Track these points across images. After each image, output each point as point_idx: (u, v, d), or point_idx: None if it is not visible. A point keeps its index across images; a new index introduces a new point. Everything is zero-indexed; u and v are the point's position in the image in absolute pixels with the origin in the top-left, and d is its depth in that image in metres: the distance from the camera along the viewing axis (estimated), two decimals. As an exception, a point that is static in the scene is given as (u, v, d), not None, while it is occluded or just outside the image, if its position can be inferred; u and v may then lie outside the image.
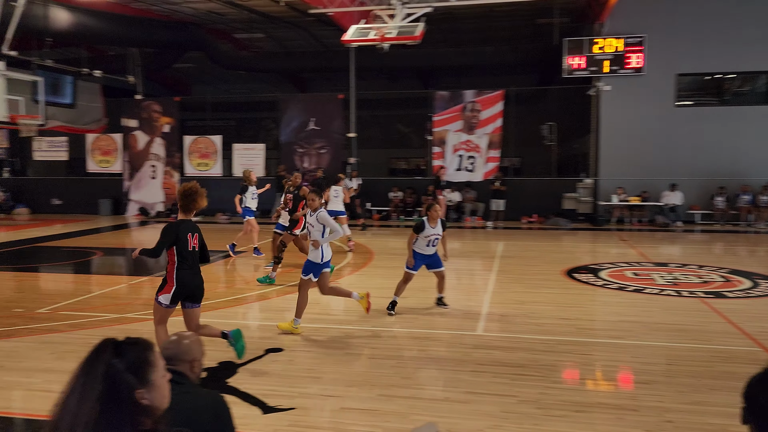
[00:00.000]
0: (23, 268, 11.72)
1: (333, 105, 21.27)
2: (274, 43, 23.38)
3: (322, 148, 21.33)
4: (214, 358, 6.07)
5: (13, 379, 5.65)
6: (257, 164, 21.52)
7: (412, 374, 5.78)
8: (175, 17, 20.06)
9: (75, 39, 18.47)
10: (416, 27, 12.07)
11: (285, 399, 5.13)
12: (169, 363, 2.50)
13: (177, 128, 22.44)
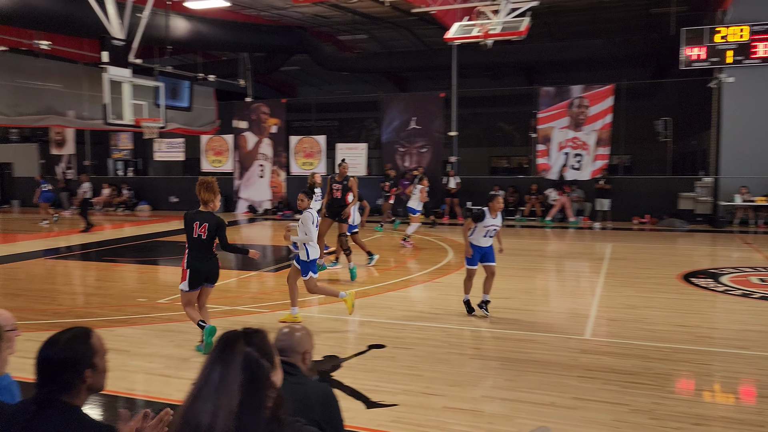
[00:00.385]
0: (145, 260, 12.56)
1: (434, 103, 21.23)
2: (376, 43, 23.66)
3: (422, 147, 21.35)
4: (319, 351, 6.21)
5: (136, 363, 6.05)
6: (359, 163, 21.88)
7: (516, 377, 5.63)
8: (283, 22, 20.77)
9: (192, 46, 19.58)
10: (521, 22, 11.77)
11: (388, 395, 5.15)
12: (282, 354, 2.57)
13: (284, 129, 23.27)
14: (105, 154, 27.32)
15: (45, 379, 2.16)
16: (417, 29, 21.44)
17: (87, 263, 12.83)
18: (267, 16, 19.95)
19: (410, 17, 18.55)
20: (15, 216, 23.17)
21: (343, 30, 22.00)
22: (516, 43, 15.47)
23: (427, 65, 22.97)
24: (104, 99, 12.56)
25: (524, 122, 22.87)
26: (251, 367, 1.72)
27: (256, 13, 19.54)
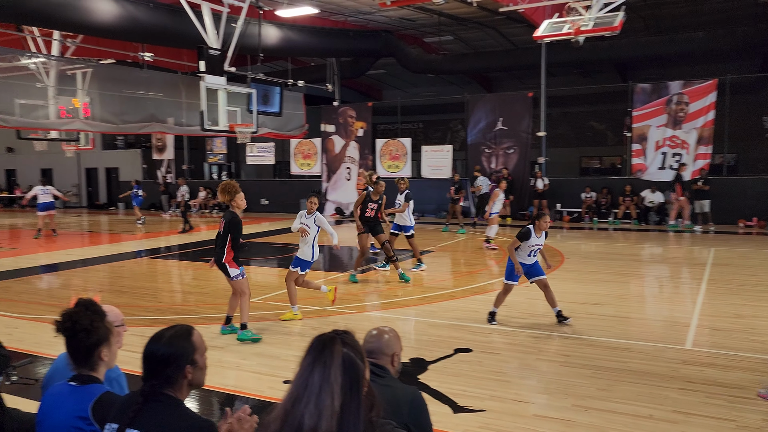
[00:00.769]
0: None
1: (522, 103, 20.80)
2: (462, 44, 23.48)
3: (509, 148, 20.96)
4: (406, 354, 6.21)
5: (230, 359, 6.28)
6: (445, 165, 21.80)
7: (609, 386, 5.39)
8: (369, 26, 21.02)
9: (282, 53, 20.19)
10: (615, 17, 11.30)
11: (475, 400, 5.08)
12: (371, 356, 2.57)
13: (370, 132, 23.54)
14: (201, 159, 28.69)
15: (150, 373, 2.28)
16: (504, 28, 21.09)
17: (185, 263, 13.48)
18: (354, 21, 20.25)
19: (497, 16, 18.27)
20: (120, 218, 24.72)
21: (429, 32, 21.99)
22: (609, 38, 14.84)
23: (514, 65, 22.56)
24: (201, 106, 13.16)
25: (617, 121, 21.96)
26: (350, 368, 1.74)
27: (343, 18, 19.88)
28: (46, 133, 18.31)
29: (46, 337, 6.98)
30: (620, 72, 24.42)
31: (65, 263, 12.96)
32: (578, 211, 19.87)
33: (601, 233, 17.24)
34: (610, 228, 18.01)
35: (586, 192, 19.81)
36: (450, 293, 9.31)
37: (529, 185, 20.46)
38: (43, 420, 2.64)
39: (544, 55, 19.25)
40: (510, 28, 20.87)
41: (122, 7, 13.89)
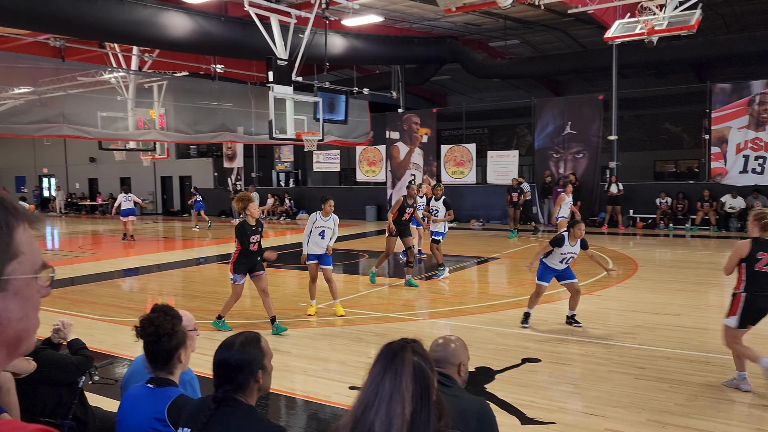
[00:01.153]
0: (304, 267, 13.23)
1: (591, 107, 20.24)
2: (529, 47, 23.10)
3: (578, 152, 20.44)
4: (472, 363, 6.12)
5: (297, 364, 6.37)
6: (511, 171, 21.47)
7: (688, 401, 5.14)
8: (434, 33, 21.01)
9: (348, 61, 20.45)
10: (691, 15, 10.85)
11: (544, 412, 4.95)
12: (438, 366, 2.54)
13: (434, 138, 23.48)
14: (269, 166, 29.39)
15: (222, 379, 2.33)
16: (572, 30, 20.62)
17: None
18: (419, 28, 20.29)
19: (565, 18, 17.88)
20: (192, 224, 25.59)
21: (495, 36, 21.76)
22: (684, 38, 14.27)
23: (583, 67, 22.00)
24: (270, 115, 13.49)
25: (695, 123, 21.04)
26: (421, 376, 1.72)
27: (408, 26, 19.95)
28: (125, 143, 19.23)
29: (124, 338, 7.29)
30: (697, 72, 23.40)
31: (142, 268, 13.53)
32: (652, 218, 19.13)
33: (677, 240, 16.54)
34: (687, 235, 17.26)
35: (660, 197, 19.05)
36: (517, 301, 9.13)
37: (599, 190, 19.87)
38: (123, 420, 2.76)
39: (615, 57, 18.68)
40: (579, 30, 20.39)
41: (195, 22, 14.44)
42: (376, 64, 23.78)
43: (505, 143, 27.05)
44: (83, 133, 15.49)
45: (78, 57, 18.10)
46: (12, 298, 0.87)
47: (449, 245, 16.80)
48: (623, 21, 11.79)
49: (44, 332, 4.08)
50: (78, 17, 12.23)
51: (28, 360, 3.43)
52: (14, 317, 0.88)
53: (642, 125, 24.38)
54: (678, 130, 24.25)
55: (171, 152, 28.02)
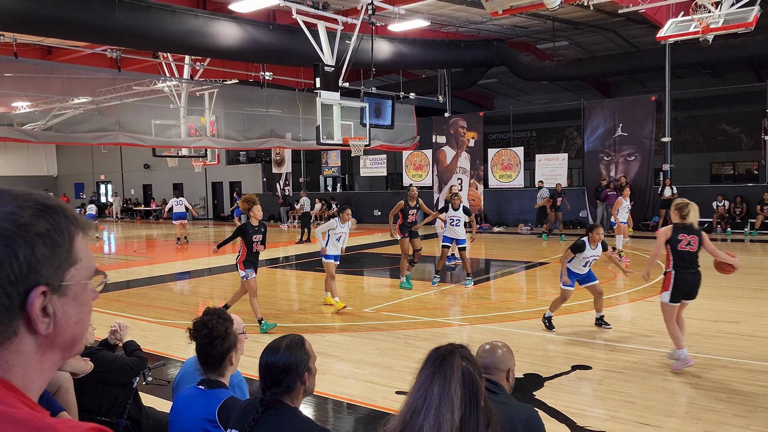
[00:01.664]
0: (351, 271, 13.34)
1: (644, 108, 19.72)
2: (578, 49, 22.70)
3: (630, 155, 19.93)
4: (520, 369, 6.04)
5: (345, 368, 6.40)
6: (560, 174, 21.11)
7: (748, 413, 4.94)
8: (481, 36, 20.87)
9: (394, 66, 20.51)
10: (749, 12, 10.46)
11: (595, 421, 4.84)
12: (485, 372, 2.51)
13: (481, 142, 23.30)
14: (317, 171, 29.72)
15: (269, 382, 2.36)
16: (623, 30, 20.17)
17: (302, 272, 13.97)
18: (465, 31, 20.20)
19: (616, 18, 17.50)
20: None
21: (543, 38, 21.47)
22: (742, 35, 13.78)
23: (635, 68, 21.46)
24: (317, 121, 13.64)
25: (753, 123, 20.25)
26: (470, 382, 1.72)
27: (454, 29, 19.89)
28: (178, 150, 19.77)
29: (177, 340, 7.48)
30: (756, 71, 22.56)
31: (194, 271, 13.87)
32: (709, 221, 18.48)
33: (735, 245, 15.93)
34: (745, 239, 16.61)
35: (717, 200, 18.39)
36: (567, 307, 8.95)
37: (651, 194, 19.33)
38: (175, 420, 2.83)
39: (668, 57, 18.16)
40: (630, 30, 19.93)
41: (245, 31, 14.74)
42: (423, 68, 23.77)
43: (553, 146, 26.64)
44: (138, 141, 16.01)
45: (133, 67, 18.75)
46: (71, 303, 0.92)
47: (497, 249, 16.64)
48: (677, 20, 11.46)
49: (102, 334, 4.23)
50: (134, 29, 12.66)
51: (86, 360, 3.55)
52: (72, 321, 0.93)
53: (697, 126, 23.61)
54: (735, 131, 23.38)
55: (221, 158, 28.65)
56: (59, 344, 0.92)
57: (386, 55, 17.81)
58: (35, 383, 0.91)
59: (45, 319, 0.89)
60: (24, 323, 0.88)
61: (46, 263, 0.88)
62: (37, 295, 0.87)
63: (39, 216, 0.89)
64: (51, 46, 16.93)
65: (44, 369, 0.92)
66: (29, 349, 0.89)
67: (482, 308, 9.26)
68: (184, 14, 13.54)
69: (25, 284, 0.86)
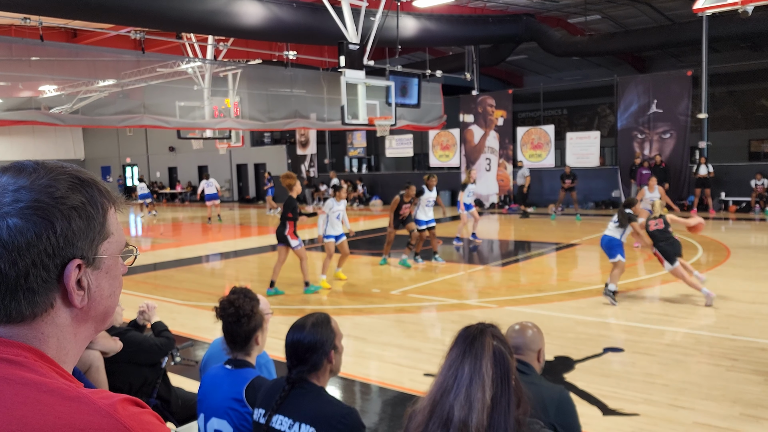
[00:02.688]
0: (378, 253, 13.26)
1: (679, 83, 19.13)
2: (611, 23, 22.06)
3: (665, 132, 19.40)
4: (551, 351, 5.91)
5: (372, 350, 6.35)
6: (592, 153, 20.67)
7: (789, 396, 4.75)
8: (509, 11, 20.41)
9: (420, 44, 20.20)
10: (792, -21, 9.98)
11: (627, 403, 4.70)
12: (517, 353, 2.44)
13: (510, 120, 22.92)
14: (342, 152, 29.64)
15: (296, 360, 2.36)
16: (658, 3, 19.51)
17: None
18: (493, 6, 19.76)
19: (650, -10, 16.93)
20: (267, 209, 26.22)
21: (574, 12, 20.90)
22: (784, 5, 13.20)
23: (670, 42, 20.76)
24: (342, 101, 13.51)
25: (794, 98, 19.55)
26: (501, 360, 1.69)
27: (482, 4, 19.47)
28: (202, 132, 19.85)
29: (204, 322, 7.51)
30: (798, 43, 21.70)
31: (220, 254, 13.94)
32: (747, 201, 17.95)
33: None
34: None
35: (756, 179, 17.81)
36: (598, 289, 8.76)
37: (687, 172, 18.83)
38: (203, 399, 2.83)
39: (705, 30, 17.50)
40: (665, 2, 19.27)
41: (268, 9, 14.61)
42: (449, 45, 23.37)
43: (585, 124, 26.08)
44: (163, 123, 16.08)
45: (157, 49, 18.77)
46: (104, 276, 0.95)
47: (527, 231, 16.41)
48: (715, -11, 11.00)
49: (130, 315, 4.22)
50: (157, 9, 12.64)
51: (115, 340, 3.60)
52: (105, 294, 0.95)
53: (735, 102, 22.85)
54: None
55: (246, 140, 28.72)
56: (93, 317, 0.95)
57: (412, 32, 17.52)
58: (69, 355, 0.93)
59: (80, 291, 0.91)
60: (60, 295, 0.90)
61: (81, 236, 0.90)
62: (73, 267, 0.89)
63: (74, 189, 0.90)
64: (76, 29, 17.02)
65: (78, 341, 0.95)
66: (64, 322, 0.91)
67: (511, 290, 9.11)
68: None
69: (62, 257, 0.88)
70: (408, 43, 17.75)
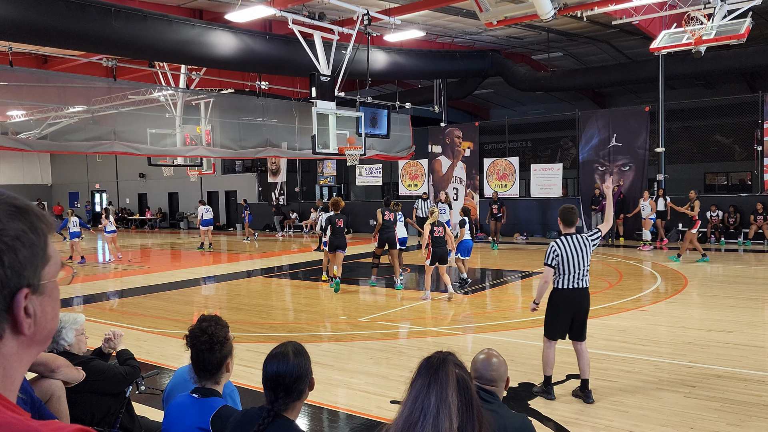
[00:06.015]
0: (347, 280, 13.31)
1: (638, 118, 19.84)
2: (573, 60, 22.87)
3: (624, 165, 20.03)
4: (516, 378, 6.05)
5: (339, 377, 6.39)
6: (555, 184, 21.20)
7: (741, 422, 4.95)
8: (476, 47, 21.00)
9: (389, 77, 20.60)
10: (741, 24, 10.57)
11: (589, 429, 4.85)
12: (490, 384, 2.52)
13: (477, 151, 23.37)
14: (313, 181, 29.72)
15: (283, 391, 2.33)
16: (617, 42, 20.34)
17: (296, 281, 13.95)
18: (460, 42, 20.32)
19: (610, 30, 17.65)
20: (239, 238, 26.06)
21: (538, 49, 21.62)
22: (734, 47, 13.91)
23: (629, 79, 21.62)
24: (313, 130, 13.68)
25: (746, 134, 20.41)
26: (465, 389, 1.71)
27: (450, 40, 20.00)
28: (173, 159, 19.77)
29: (171, 350, 7.46)
30: (748, 82, 22.78)
31: (189, 281, 13.83)
32: (703, 231, 18.56)
33: (729, 255, 16.01)
34: (739, 249, 16.68)
35: (711, 210, 18.49)
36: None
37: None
38: (168, 429, 2.81)
39: (662, 68, 18.30)
40: (624, 41, 20.10)
41: (241, 40, 14.80)
42: (418, 78, 23.87)
43: (549, 156, 26.73)
44: (133, 150, 16.00)
45: (129, 76, 18.77)
46: (47, 300, 0.93)
47: (492, 259, 16.65)
48: (670, 31, 11.57)
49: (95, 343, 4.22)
50: (130, 38, 12.70)
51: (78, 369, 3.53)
52: (49, 317, 0.94)
53: (691, 137, 23.76)
54: (729, 142, 23.53)
55: (217, 168, 28.62)
56: (37, 341, 0.93)
57: (382, 65, 17.90)
58: (15, 382, 0.91)
59: (28, 319, 0.90)
60: (9, 326, 0.88)
61: (27, 265, 0.89)
62: (21, 297, 0.88)
63: (13, 217, 0.89)
64: (47, 55, 16.94)
65: (22, 366, 0.93)
66: (11, 351, 0.89)
67: (478, 317, 9.26)
68: (181, 24, 13.58)
69: (10, 288, 0.87)
70: (378, 75, 18.09)
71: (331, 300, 11.13)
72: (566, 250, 5.57)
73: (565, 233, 5.67)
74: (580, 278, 5.60)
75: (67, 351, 3.70)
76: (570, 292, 5.61)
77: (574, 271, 5.55)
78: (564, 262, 5.56)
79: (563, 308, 5.64)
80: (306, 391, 2.38)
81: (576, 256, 5.55)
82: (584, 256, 5.59)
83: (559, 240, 5.65)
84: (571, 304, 5.63)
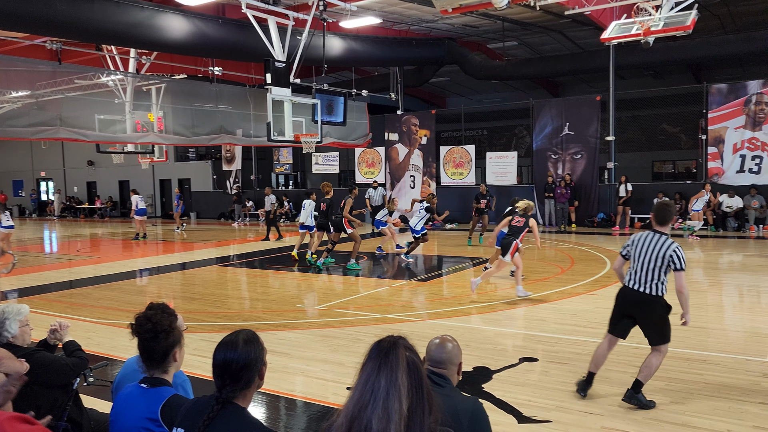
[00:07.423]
0: (304, 269, 13.26)
1: (589, 108, 20.29)
2: (527, 49, 23.15)
3: (576, 153, 20.48)
4: (469, 362, 6.14)
5: (296, 365, 6.37)
6: (510, 172, 21.51)
7: (684, 399, 5.16)
8: (432, 34, 21.03)
9: (346, 63, 20.47)
10: (687, 16, 10.87)
11: (541, 411, 4.96)
12: (440, 367, 2.54)
13: (433, 139, 23.50)
14: (269, 169, 29.40)
15: (229, 379, 2.30)
16: (570, 32, 20.67)
17: (252, 270, 13.80)
18: (417, 29, 20.32)
19: (563, 20, 17.92)
20: (192, 227, 25.61)
21: (493, 38, 21.79)
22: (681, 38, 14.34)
23: (581, 68, 22.04)
24: (268, 117, 13.51)
25: (692, 123, 21.10)
26: (415, 371, 1.73)
27: (406, 27, 19.98)
28: (123, 146, 19.27)
29: (122, 341, 7.30)
30: (694, 73, 23.49)
31: (141, 271, 13.53)
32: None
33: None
34: (684, 235, 17.27)
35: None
36: (514, 301, 9.15)
37: (597, 191, 19.94)
38: (116, 420, 2.75)
39: (612, 58, 18.71)
40: (576, 32, 20.44)
41: (193, 24, 14.45)
42: (375, 65, 23.80)
43: (504, 144, 27.09)
44: (81, 136, 15.51)
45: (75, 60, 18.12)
46: None
47: (447, 246, 16.81)
48: (620, 22, 11.82)
49: (41, 335, 4.09)
50: (75, 20, 12.25)
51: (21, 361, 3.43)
52: None
53: (639, 126, 24.43)
54: (675, 131, 24.29)
55: (170, 155, 28.02)
56: None
57: (338, 52, 17.76)
58: None
59: None
60: None
61: None
62: None
63: None
64: (-14, 37, 16.22)
65: None
66: None
67: (434, 304, 9.36)
68: (129, 6, 13.17)
69: None
70: (334, 62, 17.95)
71: (287, 288, 11.06)
72: (639, 244, 5.30)
73: (656, 230, 5.39)
74: (640, 281, 5.25)
75: (11, 343, 3.61)
76: (627, 291, 5.34)
77: (640, 270, 5.22)
78: (632, 255, 5.30)
79: (617, 303, 5.42)
80: (256, 380, 2.35)
81: (644, 255, 5.27)
82: (653, 259, 5.22)
83: (643, 233, 5.37)
84: (623, 302, 5.37)
